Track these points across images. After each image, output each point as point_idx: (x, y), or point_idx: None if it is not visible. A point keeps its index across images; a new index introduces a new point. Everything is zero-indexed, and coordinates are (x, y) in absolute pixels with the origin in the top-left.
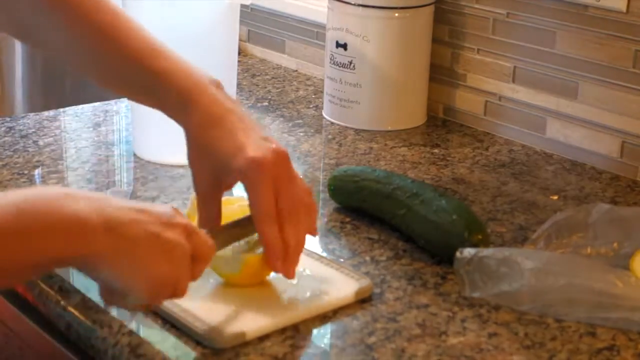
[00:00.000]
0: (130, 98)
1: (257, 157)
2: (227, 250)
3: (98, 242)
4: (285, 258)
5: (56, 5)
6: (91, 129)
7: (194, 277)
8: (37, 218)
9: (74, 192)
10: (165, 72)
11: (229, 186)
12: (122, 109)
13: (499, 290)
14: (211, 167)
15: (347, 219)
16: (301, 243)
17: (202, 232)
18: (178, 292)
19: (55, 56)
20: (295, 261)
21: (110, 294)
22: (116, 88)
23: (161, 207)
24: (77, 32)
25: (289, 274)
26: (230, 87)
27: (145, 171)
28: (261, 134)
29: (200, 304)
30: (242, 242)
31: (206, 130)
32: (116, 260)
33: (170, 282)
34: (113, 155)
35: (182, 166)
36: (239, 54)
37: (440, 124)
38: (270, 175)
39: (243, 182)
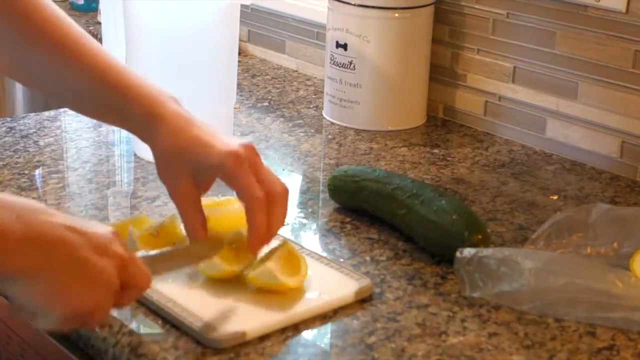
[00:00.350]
0: (96, 118)
1: (232, 150)
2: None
3: (18, 257)
4: (259, 241)
5: (18, 23)
6: (92, 129)
7: (122, 304)
8: None
9: (3, 201)
10: (127, 88)
11: (207, 187)
12: None
13: (499, 290)
14: (185, 173)
15: (347, 219)
16: (281, 226)
17: (140, 263)
18: (91, 322)
19: (17, 77)
20: (269, 242)
21: (20, 309)
22: (80, 108)
23: (102, 230)
24: (39, 50)
25: (257, 252)
26: (230, 87)
27: (146, 171)
28: (226, 136)
29: (200, 304)
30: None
31: (174, 139)
32: (34, 279)
33: (85, 312)
34: (113, 155)
35: None
36: (239, 54)
37: (440, 124)
38: (247, 165)
39: (223, 175)
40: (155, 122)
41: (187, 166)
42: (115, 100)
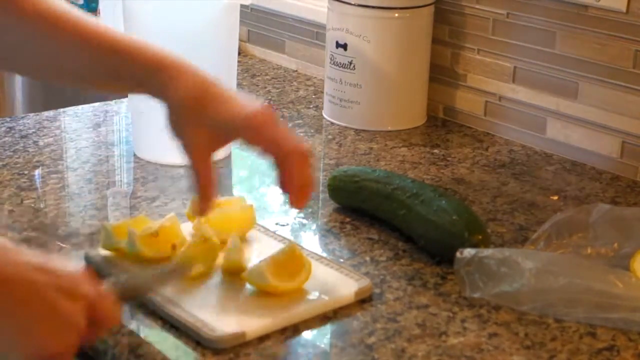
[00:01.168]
0: (95, 86)
1: (257, 108)
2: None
3: None
4: (301, 194)
5: (5, 4)
6: (91, 129)
7: (89, 341)
8: None
9: None
10: (130, 46)
11: (224, 143)
12: (122, 109)
13: (499, 290)
14: (204, 126)
15: (347, 219)
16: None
17: (109, 300)
18: None
19: (14, 64)
20: (307, 196)
21: None
22: (77, 79)
23: (70, 269)
24: (33, 29)
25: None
26: (230, 87)
27: (145, 171)
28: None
29: (200, 304)
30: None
31: (194, 90)
32: (3, 325)
33: (50, 354)
34: (113, 156)
35: (182, 166)
36: (239, 54)
37: (440, 124)
38: (272, 123)
39: (251, 131)
40: (170, 72)
41: (207, 119)
42: (118, 61)
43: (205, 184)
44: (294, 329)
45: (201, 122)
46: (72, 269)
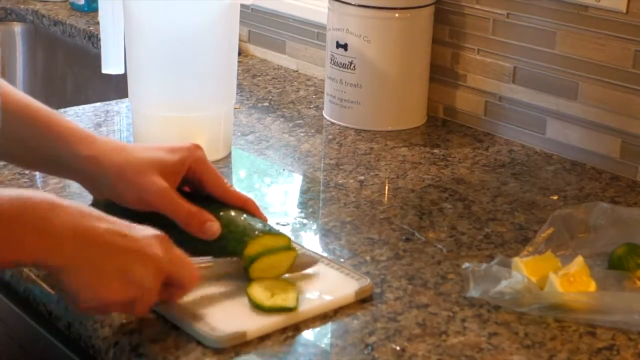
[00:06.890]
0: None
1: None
2: None
3: (63, 253)
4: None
5: None
6: (91, 129)
7: (169, 300)
8: (14, 225)
9: (58, 204)
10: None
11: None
12: (123, 109)
13: (499, 290)
14: (155, 173)
15: (348, 219)
16: None
17: (186, 262)
18: (132, 311)
19: None
20: None
21: (62, 294)
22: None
23: (146, 232)
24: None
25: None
26: (230, 88)
27: None
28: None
29: (200, 304)
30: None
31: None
32: (73, 272)
33: (116, 306)
34: None
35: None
36: (240, 54)
37: (440, 124)
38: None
39: (196, 166)
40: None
41: (154, 165)
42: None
43: (190, 220)
44: (295, 329)
45: (150, 171)
46: (148, 232)
